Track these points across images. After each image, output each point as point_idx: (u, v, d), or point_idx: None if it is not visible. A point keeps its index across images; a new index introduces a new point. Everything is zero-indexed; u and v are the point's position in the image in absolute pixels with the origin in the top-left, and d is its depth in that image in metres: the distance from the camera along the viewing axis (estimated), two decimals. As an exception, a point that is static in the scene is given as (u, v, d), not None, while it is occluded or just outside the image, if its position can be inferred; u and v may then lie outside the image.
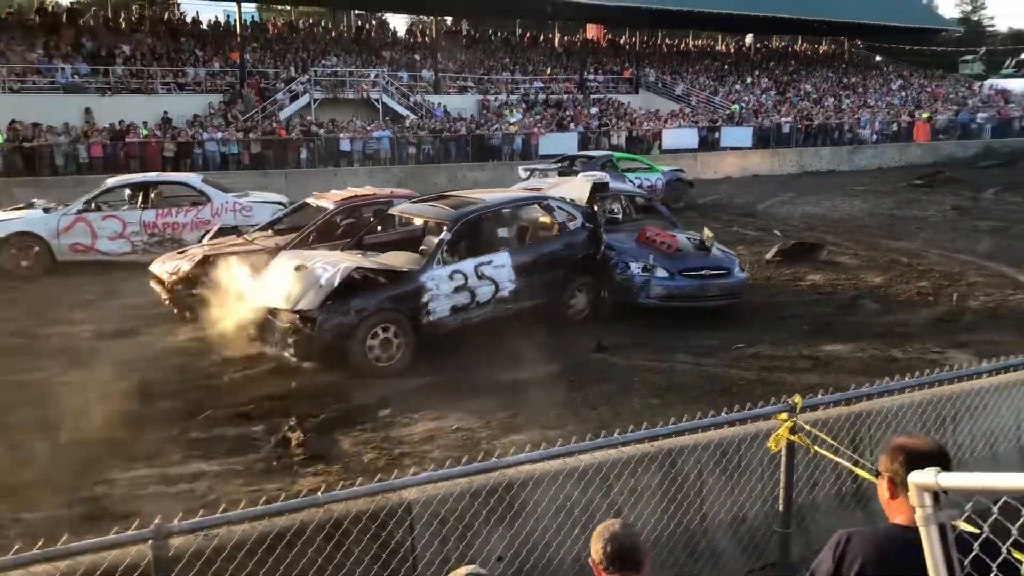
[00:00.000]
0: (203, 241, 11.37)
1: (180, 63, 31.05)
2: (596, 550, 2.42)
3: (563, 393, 7.82)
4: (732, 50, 50.12)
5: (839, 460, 4.05)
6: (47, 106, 25.43)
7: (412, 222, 10.68)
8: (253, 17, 42.90)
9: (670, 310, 10.20)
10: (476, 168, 26.35)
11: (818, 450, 4.01)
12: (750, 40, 50.78)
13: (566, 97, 35.93)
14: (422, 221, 10.29)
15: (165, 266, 10.47)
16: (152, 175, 16.77)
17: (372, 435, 6.87)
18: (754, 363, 8.73)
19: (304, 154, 25.72)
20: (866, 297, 11.45)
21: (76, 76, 27.95)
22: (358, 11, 48.82)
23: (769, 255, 13.91)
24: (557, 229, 10.17)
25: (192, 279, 9.97)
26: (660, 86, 39.83)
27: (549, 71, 39.07)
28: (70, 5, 38.42)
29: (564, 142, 28.49)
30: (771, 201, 22.36)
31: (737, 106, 36.38)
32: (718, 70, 44.27)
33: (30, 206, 14.31)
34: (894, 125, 35.59)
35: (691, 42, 50.78)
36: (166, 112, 26.79)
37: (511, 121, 30.51)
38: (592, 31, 46.37)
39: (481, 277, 9.20)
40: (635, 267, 10.20)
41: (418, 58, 37.05)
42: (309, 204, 11.64)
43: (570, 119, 31.95)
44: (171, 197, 14.73)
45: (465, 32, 45.98)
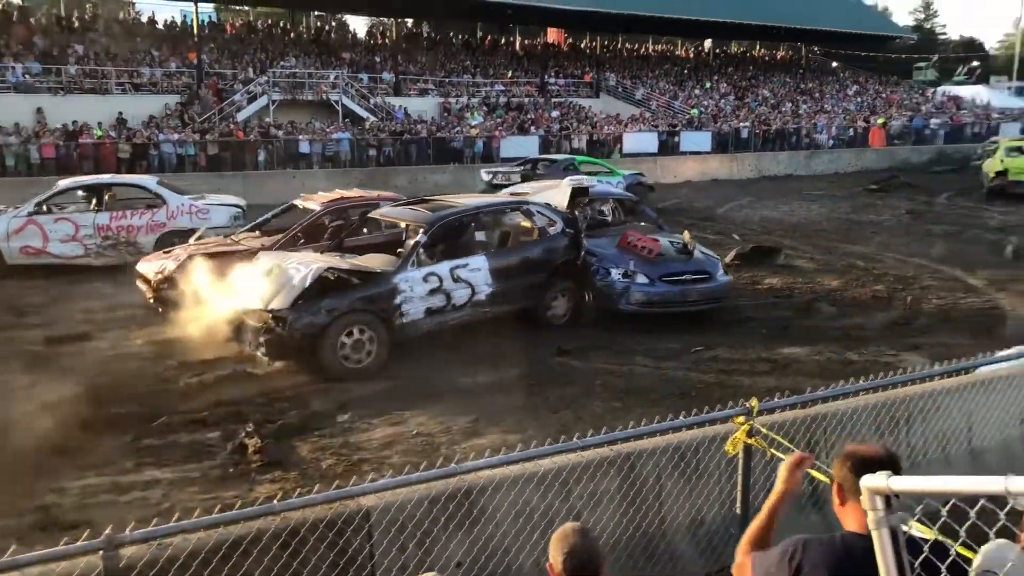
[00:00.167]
0: (190, 242, 11.32)
1: (135, 63, 30.59)
2: (555, 560, 2.42)
3: (524, 397, 7.82)
4: (691, 55, 50.61)
5: (795, 463, 4.07)
6: (-4, 105, 24.96)
7: (397, 225, 10.65)
8: (210, 17, 42.40)
9: (651, 316, 10.15)
10: (437, 171, 26.30)
11: (774, 453, 4.04)
12: (709, 45, 51.30)
13: (527, 100, 36.01)
14: (402, 224, 10.23)
15: (151, 265, 10.44)
16: (106, 177, 16.48)
17: (330, 441, 6.80)
18: (713, 366, 8.80)
19: (262, 156, 25.51)
20: (823, 300, 11.59)
21: (27, 75, 27.43)
22: (317, 12, 48.51)
23: (727, 259, 14.03)
24: (537, 234, 10.14)
25: (178, 278, 9.93)
26: (620, 90, 40.09)
27: (510, 74, 39.12)
28: (21, 3, 37.67)
29: (525, 145, 28.56)
30: (730, 205, 22.59)
31: (696, 111, 36.74)
32: (678, 75, 44.67)
33: (-21, 208, 13.99)
34: (850, 130, 36.21)
35: (651, 47, 51.14)
36: (121, 113, 26.38)
37: (472, 124, 30.51)
38: (553, 35, 46.56)
39: (457, 280, 9.18)
40: (615, 273, 10.16)
41: (378, 60, 36.90)
42: (296, 206, 11.64)
43: (531, 122, 32.03)
44: (125, 199, 14.46)
45: (426, 35, 45.89)
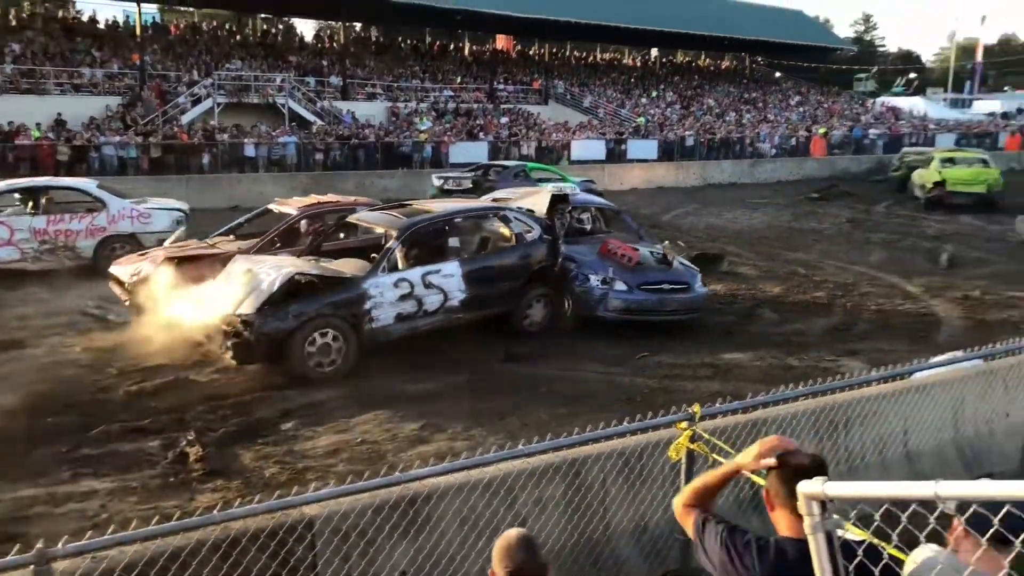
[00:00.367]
0: (165, 245, 11.22)
1: (75, 63, 29.90)
2: (498, 570, 2.41)
3: (471, 403, 7.81)
4: (638, 64, 51.16)
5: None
6: (-72, 105, 24.25)
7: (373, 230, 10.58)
8: (154, 18, 41.61)
9: (630, 323, 10.17)
10: (386, 175, 26.17)
11: (716, 458, 4.08)
12: (656, 54, 51.92)
13: (476, 106, 36.04)
14: (378, 229, 10.13)
15: (126, 268, 10.31)
16: (43, 179, 16.04)
17: (274, 449, 6.71)
18: (658, 371, 8.89)
19: (206, 159, 25.12)
20: (765, 306, 11.79)
21: (-39, 74, 26.66)
22: (264, 15, 47.93)
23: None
24: (513, 240, 10.12)
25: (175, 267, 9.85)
26: (569, 98, 40.36)
27: (459, 80, 39.12)
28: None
29: (474, 151, 28.56)
30: (675, 212, 22.86)
31: (643, 119, 37.13)
32: (625, 83, 45.13)
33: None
34: (792, 140, 36.90)
35: (599, 55, 51.62)
36: (60, 114, 25.78)
37: (421, 129, 30.41)
38: (502, 41, 46.68)
39: (429, 286, 9.16)
40: (594, 280, 10.16)
41: (326, 64, 36.61)
42: (271, 210, 11.59)
43: (480, 128, 32.06)
44: (64, 203, 14.10)
45: (374, 39, 45.69)
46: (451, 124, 32.19)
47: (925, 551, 2.13)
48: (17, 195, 13.98)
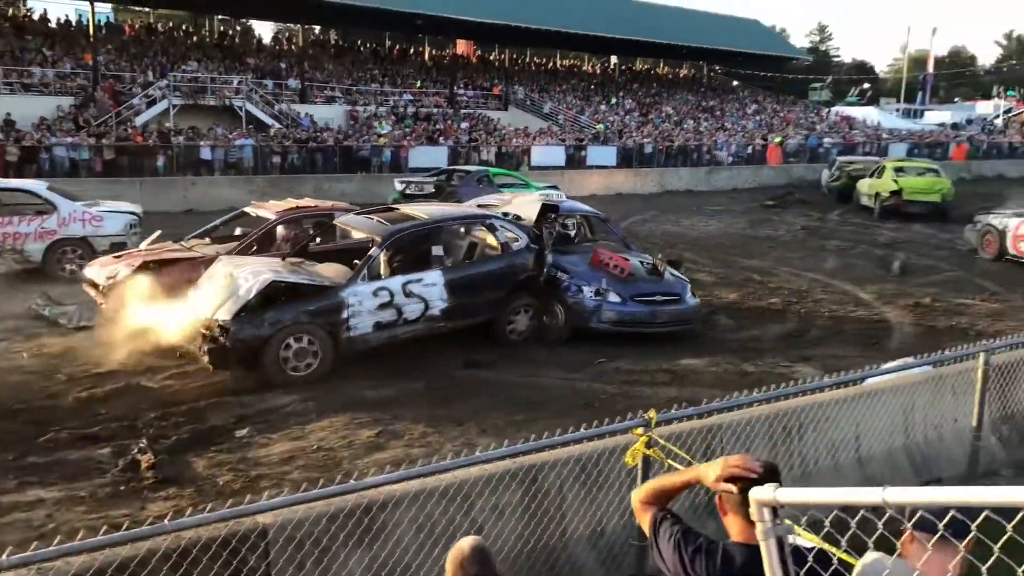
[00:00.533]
0: (141, 247, 11.09)
1: (26, 62, 29.29)
2: None
3: (429, 409, 7.77)
4: (598, 71, 51.49)
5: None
6: None
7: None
8: (108, 18, 40.96)
9: (620, 335, 10.14)
10: (344, 179, 26.00)
11: (672, 463, 4.12)
12: (615, 61, 52.30)
13: (436, 111, 35.98)
14: (364, 235, 10.03)
15: (102, 270, 10.18)
16: (-9, 181, 15.71)
17: (228, 456, 6.62)
18: (616, 377, 8.93)
19: (161, 162, 24.75)
20: (721, 313, 11.91)
21: (-95, 72, 25.99)
22: (221, 16, 47.38)
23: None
24: (499, 249, 10.04)
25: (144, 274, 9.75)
26: (529, 103, 40.47)
27: (419, 84, 39.04)
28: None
29: (434, 155, 28.51)
30: (634, 219, 22.99)
31: (602, 126, 37.36)
32: (584, 90, 45.39)
33: None
34: (749, 148, 37.36)
35: (559, 61, 51.85)
36: (9, 114, 25.22)
37: (380, 133, 30.28)
38: (462, 46, 46.68)
39: (409, 295, 9.09)
40: (587, 291, 10.08)
41: (284, 66, 36.33)
42: (247, 213, 11.51)
43: (440, 133, 32.00)
44: (13, 205, 13.77)
45: (333, 42, 45.43)
46: (411, 128, 32.10)
47: (872, 561, 2.16)
48: (-37, 197, 13.65)
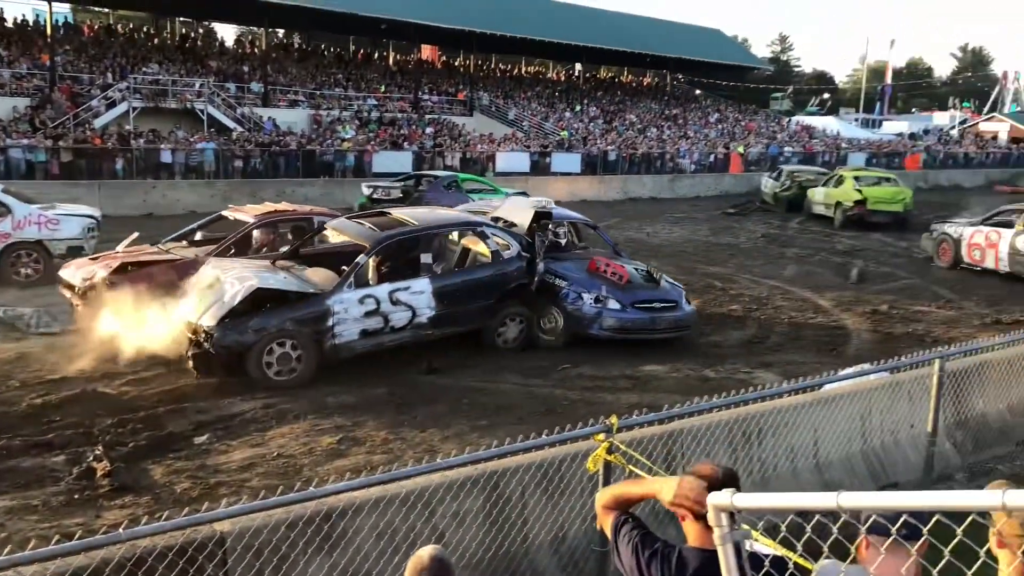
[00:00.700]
0: (117, 249, 10.94)
1: (-20, 62, 28.78)
2: None
3: (391, 416, 7.74)
4: (562, 78, 51.72)
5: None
6: None
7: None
8: (66, 18, 40.33)
9: (620, 342, 10.15)
10: (307, 184, 25.82)
11: (633, 469, 4.13)
12: (579, 69, 52.59)
13: (400, 116, 35.88)
14: (353, 240, 9.95)
15: (78, 272, 10.08)
16: (-56, 182, 15.38)
17: (186, 463, 6.53)
18: (578, 383, 8.96)
19: (120, 165, 24.36)
20: (683, 319, 11.97)
21: None
22: (183, 18, 46.88)
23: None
24: (489, 256, 9.97)
25: (109, 286, 9.63)
26: (494, 109, 40.52)
27: (383, 89, 38.90)
28: None
29: (398, 160, 28.41)
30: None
31: (567, 132, 37.51)
32: (549, 97, 45.56)
33: None
34: (711, 156, 37.73)
35: (524, 68, 52.00)
36: (-37, 114, 24.74)
37: (344, 138, 30.11)
38: (427, 52, 46.63)
39: (396, 303, 9.06)
40: (587, 298, 10.04)
41: (246, 70, 36.00)
42: (225, 216, 11.46)
43: (404, 138, 31.91)
44: (-35, 207, 13.52)
45: (297, 46, 45.13)
46: (375, 133, 31.97)
47: (826, 567, 2.19)
48: (-86, 199, 13.33)
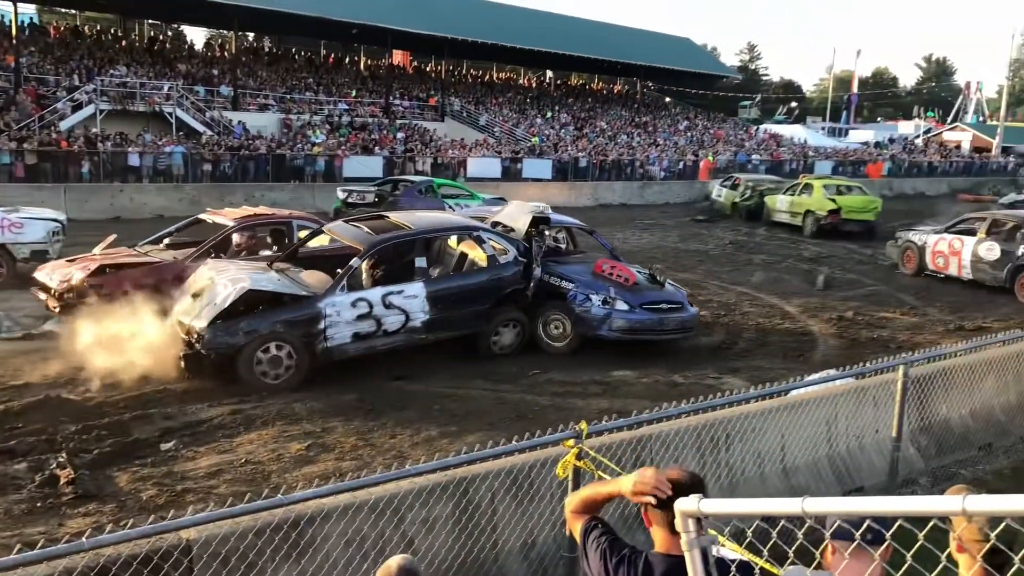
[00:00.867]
0: (94, 252, 10.82)
1: (-57, 63, 28.29)
2: None
3: (360, 422, 7.70)
4: (534, 84, 51.86)
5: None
6: None
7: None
8: (31, 19, 39.79)
9: (628, 343, 10.18)
10: (276, 188, 25.62)
11: (602, 475, 4.15)
12: (551, 76, 52.80)
13: (371, 121, 35.78)
14: (348, 243, 9.90)
15: (54, 274, 9.98)
16: (-96, 184, 15.11)
17: (152, 470, 6.44)
18: (548, 389, 8.97)
19: (87, 168, 24.06)
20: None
21: None
22: (152, 21, 46.44)
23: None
24: (485, 261, 9.95)
25: (86, 288, 9.58)
26: (465, 115, 40.54)
27: (354, 94, 38.77)
28: None
29: (369, 165, 28.35)
30: (568, 231, 23.12)
31: (538, 139, 37.61)
32: (520, 103, 45.67)
33: None
34: (680, 163, 37.99)
35: (495, 74, 52.08)
36: (-75, 115, 24.31)
37: (314, 142, 29.97)
38: (398, 57, 46.56)
39: (389, 307, 9.04)
40: (596, 299, 10.04)
41: (216, 73, 35.71)
42: (202, 220, 11.44)
43: (375, 143, 31.82)
44: (-73, 210, 13.30)
45: (267, 49, 44.86)
46: (346, 138, 31.84)
47: (793, 568, 2.21)
48: None
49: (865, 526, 2.03)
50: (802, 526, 1.83)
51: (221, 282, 8.67)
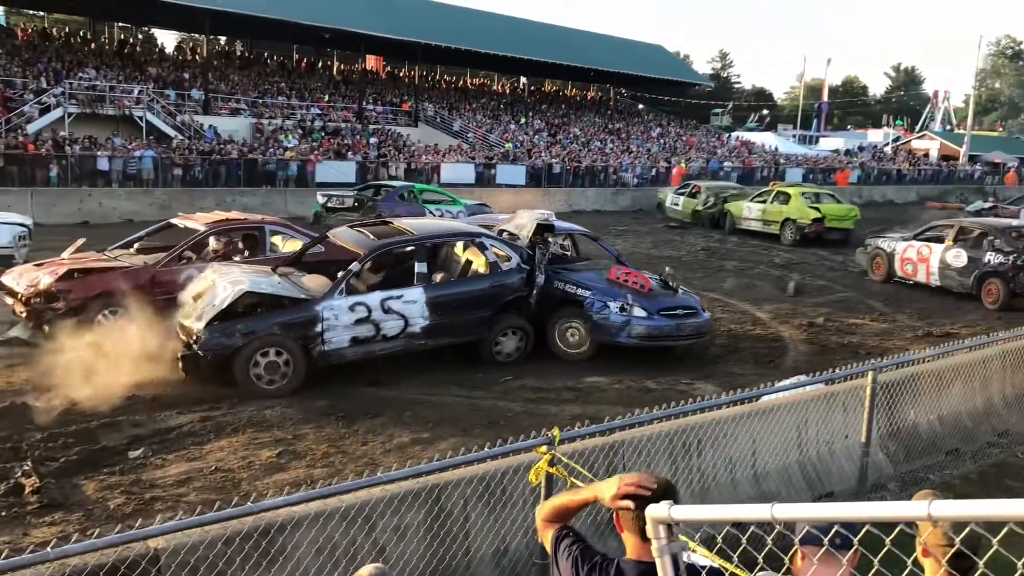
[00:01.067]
0: (63, 256, 10.70)
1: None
2: None
3: (332, 429, 7.65)
4: (507, 90, 51.95)
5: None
6: None
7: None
8: (-1, 20, 39.31)
9: (646, 349, 10.20)
10: (248, 193, 25.44)
11: (575, 482, 4.15)
12: (524, 82, 52.90)
13: (344, 126, 35.64)
14: (350, 248, 9.87)
15: (21, 278, 9.86)
16: None
17: (120, 479, 6.36)
18: (521, 395, 8.97)
19: (55, 172, 23.76)
20: (626, 331, 12.06)
21: None
22: (122, 23, 45.98)
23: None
24: (488, 268, 9.90)
25: (54, 293, 9.50)
26: (439, 121, 40.51)
27: (327, 98, 38.62)
28: None
29: (342, 170, 28.25)
30: (542, 237, 23.15)
31: (511, 145, 37.66)
32: (494, 109, 45.73)
33: None
34: (653, 170, 38.20)
35: (469, 80, 52.12)
36: None
37: (287, 147, 29.80)
38: (372, 62, 46.46)
39: (388, 312, 9.02)
40: (613, 307, 10.02)
41: (187, 76, 35.43)
42: (175, 224, 11.37)
43: (348, 148, 31.70)
44: None
45: (239, 53, 44.58)
46: (318, 143, 31.70)
47: (764, 575, 2.23)
48: None
49: (834, 531, 2.05)
50: (772, 532, 1.84)
51: (221, 284, 8.71)
